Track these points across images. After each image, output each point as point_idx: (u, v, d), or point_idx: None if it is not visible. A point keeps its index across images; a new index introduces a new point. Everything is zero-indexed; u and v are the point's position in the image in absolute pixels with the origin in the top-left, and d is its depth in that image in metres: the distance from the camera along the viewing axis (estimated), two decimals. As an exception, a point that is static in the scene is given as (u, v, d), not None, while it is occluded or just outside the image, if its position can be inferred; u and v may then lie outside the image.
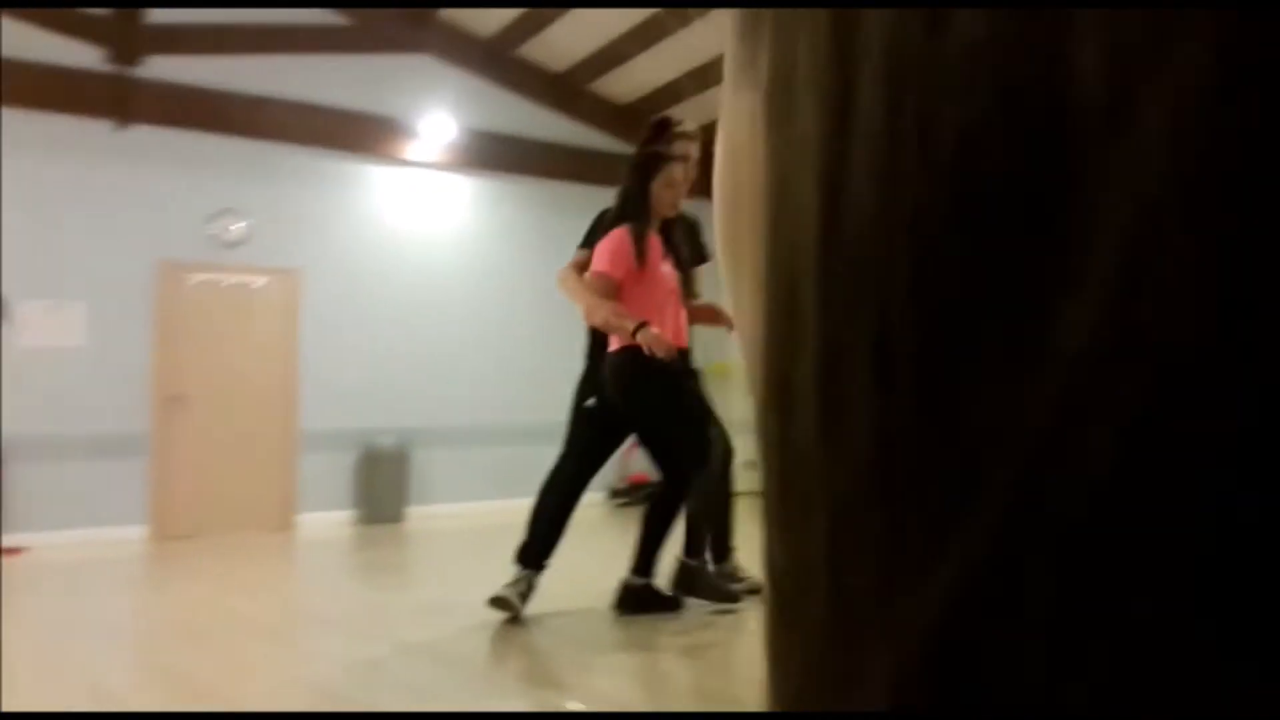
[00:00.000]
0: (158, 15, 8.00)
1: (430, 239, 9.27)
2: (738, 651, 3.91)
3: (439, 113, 9.20)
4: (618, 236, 4.00)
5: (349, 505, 8.62)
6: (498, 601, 4.25)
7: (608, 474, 6.93)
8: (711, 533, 4.31)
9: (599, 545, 4.47)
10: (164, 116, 7.98)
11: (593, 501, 4.61)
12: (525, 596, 4.28)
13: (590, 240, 4.40)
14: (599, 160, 10.11)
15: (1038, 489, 0.13)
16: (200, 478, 7.94)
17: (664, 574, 4.35)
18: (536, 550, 4.31)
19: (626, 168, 4.16)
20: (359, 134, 8.84)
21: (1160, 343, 0.12)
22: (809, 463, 0.16)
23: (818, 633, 0.16)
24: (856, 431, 0.15)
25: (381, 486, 8.55)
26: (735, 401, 4.37)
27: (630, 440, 4.39)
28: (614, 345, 4.01)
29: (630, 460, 8.54)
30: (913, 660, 0.14)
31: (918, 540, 0.14)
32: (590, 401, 4.31)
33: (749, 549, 4.62)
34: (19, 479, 7.24)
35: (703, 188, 2.84)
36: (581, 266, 4.20)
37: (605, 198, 9.66)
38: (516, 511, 8.84)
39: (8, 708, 3.19)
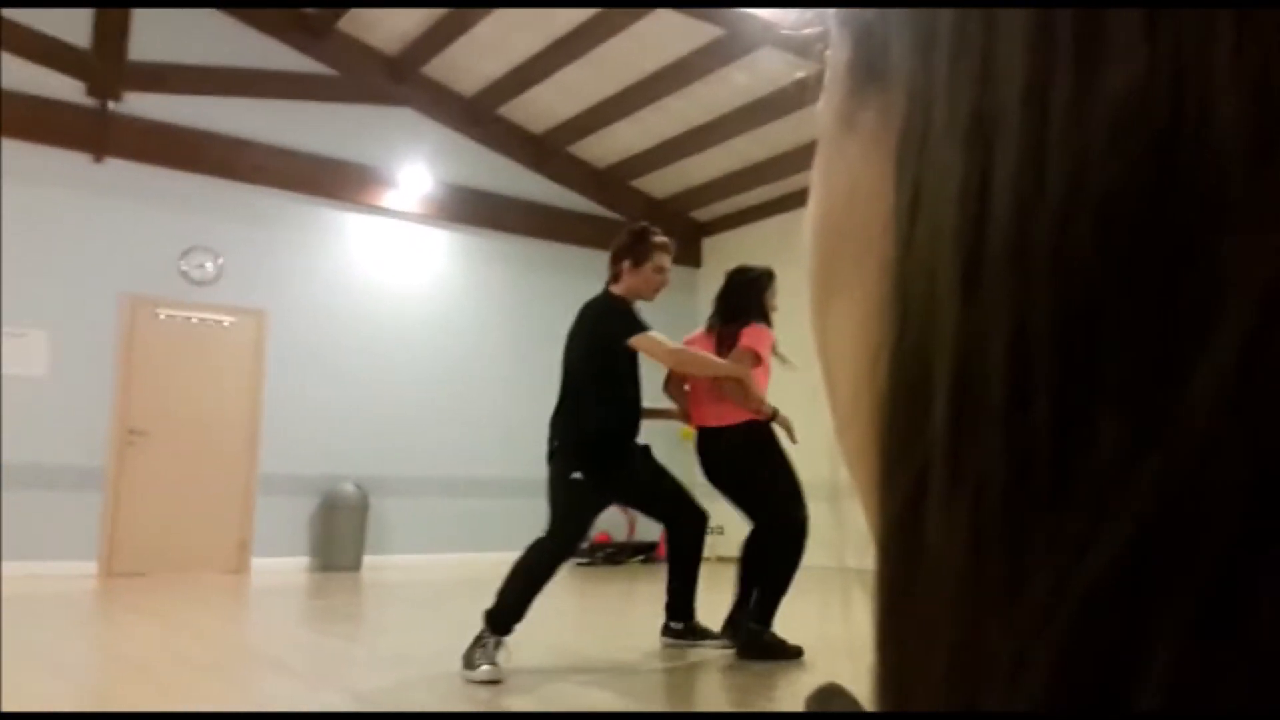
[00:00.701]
0: (140, 52, 8.05)
1: (401, 289, 9.29)
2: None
3: (416, 164, 9.29)
4: (763, 334, 4.63)
5: (305, 551, 8.51)
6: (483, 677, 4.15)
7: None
8: (683, 594, 4.60)
9: (561, 605, 4.45)
10: (142, 152, 8.00)
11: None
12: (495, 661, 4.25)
13: (637, 323, 4.53)
14: (572, 220, 10.24)
15: (1176, 513, 0.14)
16: (155, 515, 7.82)
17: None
18: (507, 619, 4.27)
19: (742, 282, 4.82)
20: (335, 180, 8.90)
21: None
22: (942, 464, 0.17)
23: (949, 637, 0.16)
24: (992, 440, 0.16)
25: (340, 534, 8.46)
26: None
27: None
28: (731, 418, 4.55)
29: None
30: (1042, 672, 0.15)
31: (1052, 549, 0.15)
32: (576, 475, 4.33)
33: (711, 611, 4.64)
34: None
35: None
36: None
37: (577, 257, 9.86)
38: (475, 565, 8.85)
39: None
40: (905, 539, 0.18)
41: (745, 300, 4.69)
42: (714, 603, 4.81)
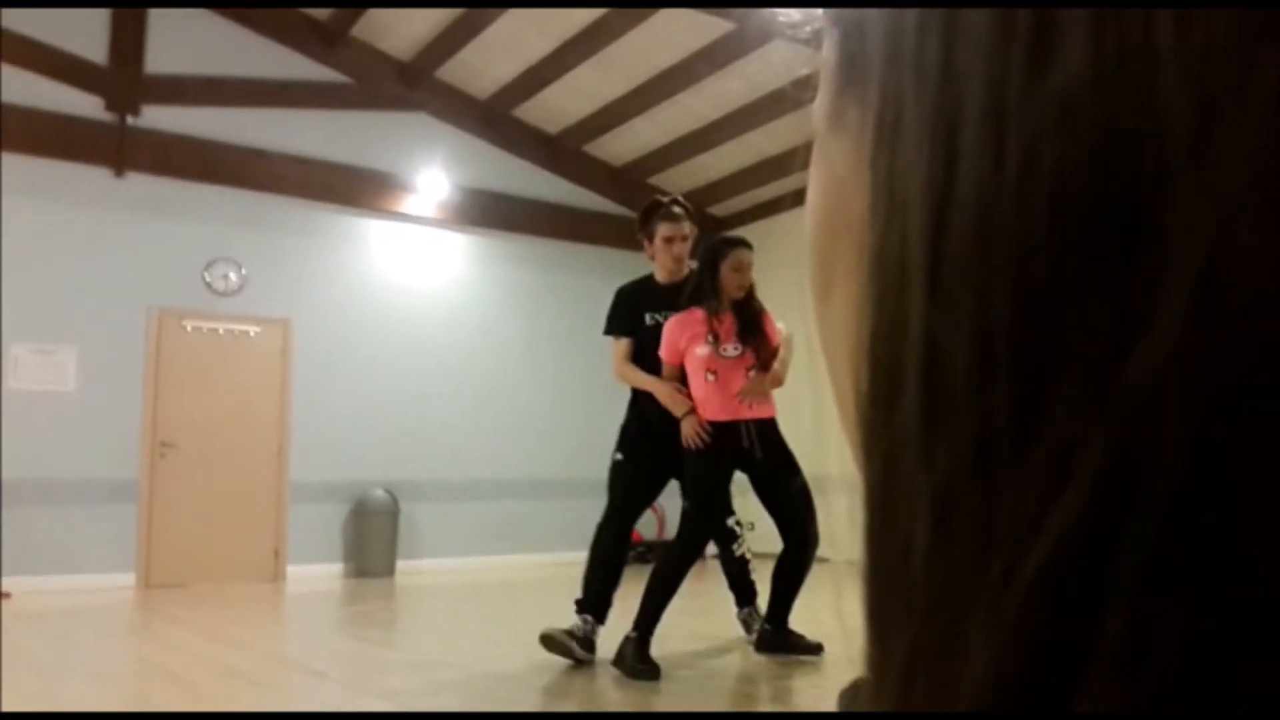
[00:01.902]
0: (157, 66, 8.12)
1: (422, 293, 9.33)
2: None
3: (433, 169, 9.32)
4: (668, 329, 4.32)
5: (338, 558, 8.58)
6: (549, 641, 4.33)
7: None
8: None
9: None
10: (162, 166, 8.07)
11: (573, 560, 4.65)
12: (582, 644, 4.35)
13: (612, 327, 4.59)
14: (590, 219, 10.24)
15: (1124, 473, 0.14)
16: (189, 526, 7.90)
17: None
18: (593, 601, 4.42)
19: (700, 261, 4.39)
20: (354, 187, 8.95)
21: (1238, 337, 0.14)
22: (912, 443, 0.17)
23: (922, 608, 0.17)
24: (958, 420, 0.16)
25: (372, 540, 8.52)
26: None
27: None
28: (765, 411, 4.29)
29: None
30: (1010, 631, 0.15)
31: (1014, 518, 0.15)
32: (618, 456, 4.53)
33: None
34: (3, 523, 7.19)
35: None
36: (626, 355, 4.53)
37: (596, 256, 9.87)
38: (507, 568, 8.88)
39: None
40: (878, 523, 0.19)
41: (694, 284, 4.34)
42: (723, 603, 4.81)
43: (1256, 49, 0.14)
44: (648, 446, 4.47)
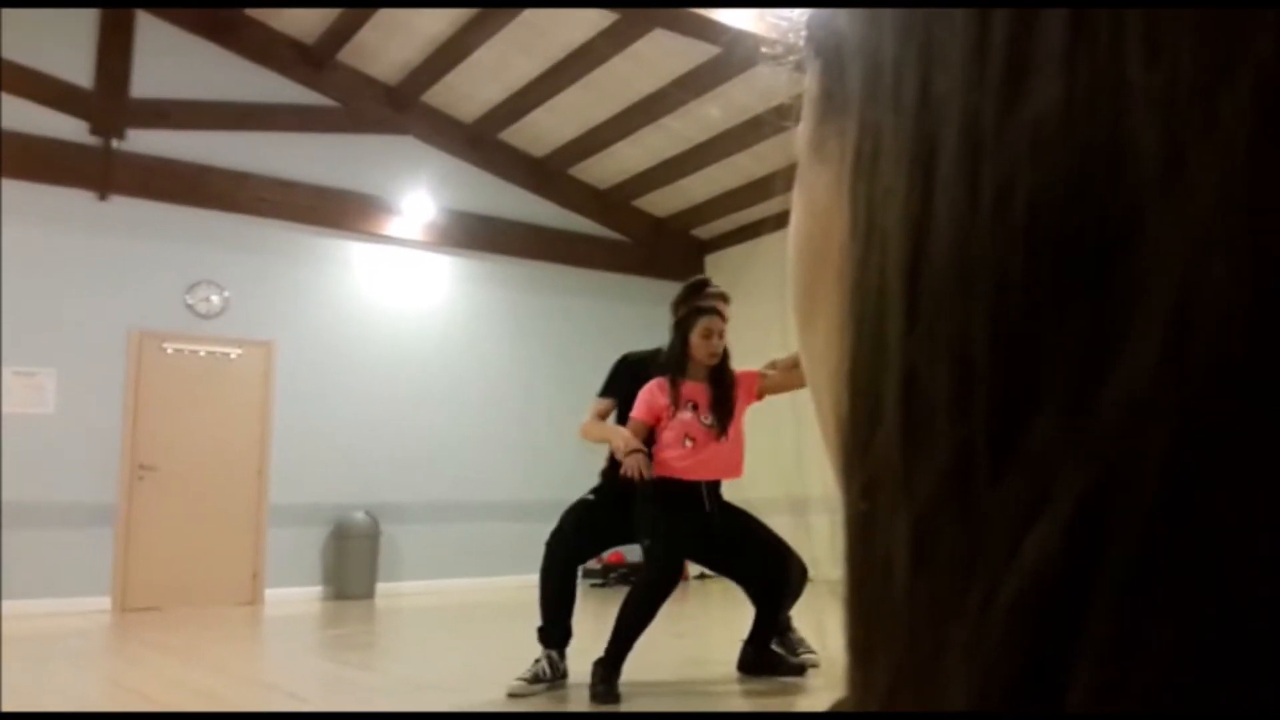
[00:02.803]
0: (142, 90, 8.11)
1: (407, 315, 9.32)
2: None
3: (419, 192, 9.33)
4: (641, 398, 4.35)
5: (318, 580, 8.51)
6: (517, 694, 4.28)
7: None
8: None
9: (578, 627, 4.46)
10: (146, 189, 8.05)
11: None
12: (540, 677, 4.32)
13: (609, 389, 4.60)
14: (576, 241, 10.27)
15: (1101, 500, 0.15)
16: (167, 549, 7.84)
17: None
18: (550, 630, 4.43)
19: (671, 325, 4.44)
20: (339, 210, 8.95)
21: (1212, 364, 0.14)
22: (891, 471, 0.18)
23: (904, 632, 0.17)
24: (936, 447, 0.17)
25: (351, 562, 8.46)
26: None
27: None
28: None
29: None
30: (990, 655, 0.15)
31: (992, 544, 0.16)
32: (589, 495, 4.60)
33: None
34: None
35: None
36: (602, 414, 4.54)
37: (581, 279, 9.89)
38: (488, 590, 8.83)
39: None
40: (858, 547, 0.19)
41: (667, 353, 4.42)
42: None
43: (1222, 79, 0.14)
44: (618, 504, 4.44)
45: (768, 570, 4.32)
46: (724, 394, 4.35)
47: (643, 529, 4.33)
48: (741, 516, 4.39)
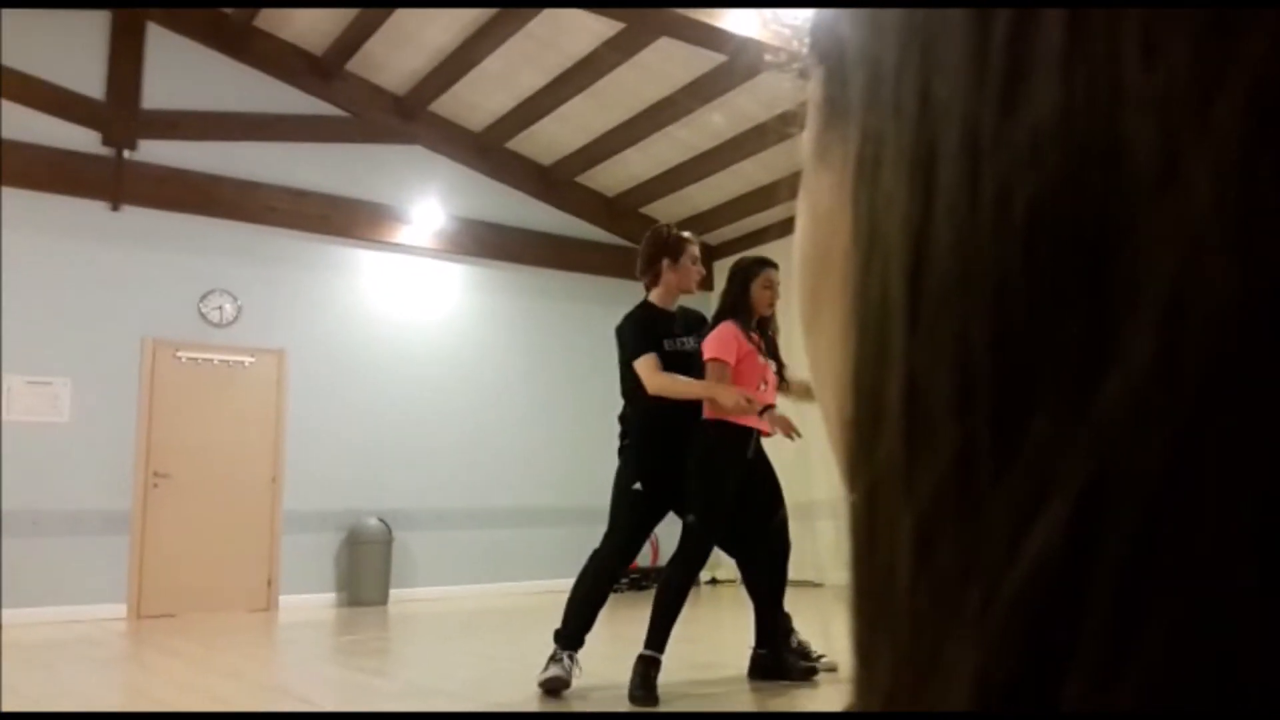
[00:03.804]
0: (153, 101, 8.19)
1: (417, 323, 9.37)
2: None
3: (429, 200, 9.38)
4: (722, 335, 4.47)
5: (332, 587, 8.57)
6: (549, 683, 4.31)
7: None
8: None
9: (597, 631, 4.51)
10: (158, 199, 8.12)
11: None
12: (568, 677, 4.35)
13: (640, 346, 4.58)
14: (584, 249, 10.31)
15: (1099, 497, 0.15)
16: (181, 556, 7.89)
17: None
18: (571, 632, 4.44)
19: (729, 278, 4.65)
20: (349, 219, 9.00)
21: (1207, 362, 0.14)
22: (894, 473, 0.18)
23: (906, 633, 0.17)
24: (938, 448, 0.17)
25: (365, 569, 8.50)
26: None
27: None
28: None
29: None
30: (990, 653, 0.16)
31: (993, 543, 0.16)
32: (637, 485, 4.51)
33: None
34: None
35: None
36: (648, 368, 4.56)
37: (589, 285, 9.92)
38: (501, 595, 8.85)
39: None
40: (862, 549, 0.19)
41: (727, 297, 4.60)
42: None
43: (1217, 82, 0.14)
44: (661, 476, 4.47)
45: (774, 564, 4.44)
46: (771, 343, 4.61)
47: (692, 504, 4.38)
48: (771, 480, 4.54)
